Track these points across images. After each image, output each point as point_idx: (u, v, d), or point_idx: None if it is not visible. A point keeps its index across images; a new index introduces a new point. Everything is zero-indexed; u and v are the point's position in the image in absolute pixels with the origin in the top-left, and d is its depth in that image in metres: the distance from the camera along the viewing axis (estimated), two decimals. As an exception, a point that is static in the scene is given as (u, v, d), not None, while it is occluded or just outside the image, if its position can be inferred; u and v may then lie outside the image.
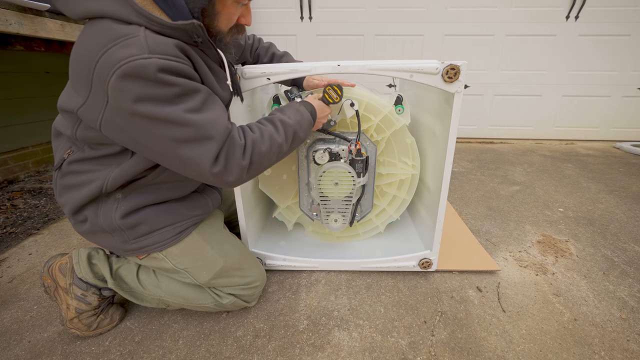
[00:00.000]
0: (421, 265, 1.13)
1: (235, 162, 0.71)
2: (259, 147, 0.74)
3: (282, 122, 0.80)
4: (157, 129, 0.64)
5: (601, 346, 0.88)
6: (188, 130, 0.65)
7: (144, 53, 0.59)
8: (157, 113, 0.62)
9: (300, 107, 0.86)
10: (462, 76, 0.86)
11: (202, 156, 0.67)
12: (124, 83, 0.59)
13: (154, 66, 0.59)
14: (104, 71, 0.59)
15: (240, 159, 0.71)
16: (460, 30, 2.83)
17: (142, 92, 0.60)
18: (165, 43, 0.62)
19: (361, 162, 1.06)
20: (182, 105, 0.64)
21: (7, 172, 2.04)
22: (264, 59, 1.15)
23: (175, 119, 0.63)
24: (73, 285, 0.89)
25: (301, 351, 0.88)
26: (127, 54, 0.58)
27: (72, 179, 0.78)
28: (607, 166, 2.39)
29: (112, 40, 0.60)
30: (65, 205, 0.81)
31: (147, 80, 0.59)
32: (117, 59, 0.58)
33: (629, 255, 1.29)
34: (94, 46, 0.60)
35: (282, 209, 1.26)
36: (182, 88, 0.63)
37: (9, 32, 1.26)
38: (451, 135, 0.93)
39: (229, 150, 0.70)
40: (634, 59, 2.82)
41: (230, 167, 0.71)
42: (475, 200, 1.80)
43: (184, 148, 0.66)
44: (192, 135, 0.65)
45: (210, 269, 0.90)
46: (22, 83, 2.08)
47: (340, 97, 0.94)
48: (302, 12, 2.84)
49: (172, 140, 0.65)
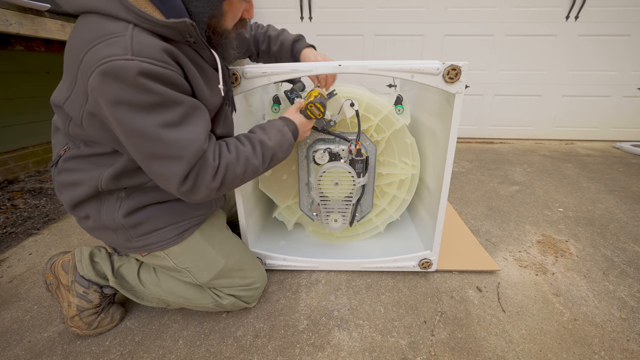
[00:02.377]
0: (421, 266, 1.14)
1: (204, 184, 0.70)
2: (233, 170, 0.73)
3: (261, 143, 0.79)
4: (130, 137, 0.63)
5: (601, 346, 0.89)
6: (158, 147, 0.63)
7: (127, 54, 0.57)
8: (131, 122, 0.60)
9: (283, 128, 0.84)
10: (463, 77, 0.86)
11: (171, 174, 0.66)
12: (102, 83, 0.57)
13: (134, 69, 0.57)
14: (86, 68, 0.59)
15: (210, 180, 0.70)
16: (460, 30, 2.83)
17: (119, 95, 0.58)
18: (151, 46, 0.60)
19: (361, 162, 1.06)
20: (157, 117, 0.62)
21: (7, 172, 2.04)
22: (262, 46, 1.15)
23: (147, 132, 0.61)
24: (75, 283, 0.89)
25: (301, 351, 0.88)
26: (109, 52, 0.57)
27: (67, 176, 0.78)
28: (607, 166, 2.39)
29: (97, 38, 0.59)
30: (64, 202, 0.81)
31: (126, 82, 0.57)
32: (99, 57, 0.57)
33: (628, 255, 1.29)
34: (81, 42, 0.60)
35: (282, 209, 1.26)
36: (161, 97, 0.61)
37: (9, 32, 1.26)
38: (452, 135, 0.93)
39: (199, 171, 0.68)
40: (634, 59, 2.82)
41: (198, 188, 0.69)
42: (475, 200, 1.80)
43: (154, 162, 0.66)
44: (161, 151, 0.64)
45: (211, 269, 0.90)
46: (22, 83, 2.08)
47: (322, 114, 0.91)
48: (302, 12, 2.84)
49: (143, 152, 0.65)
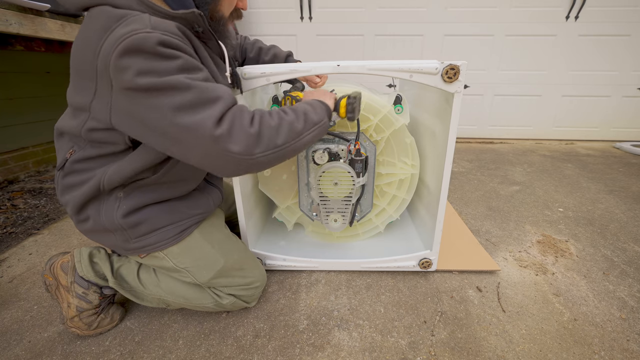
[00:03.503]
0: (421, 265, 1.14)
1: (241, 127, 0.64)
2: (267, 121, 0.69)
3: (288, 107, 0.77)
4: (159, 99, 0.60)
5: (601, 346, 0.89)
6: (191, 94, 0.61)
7: (147, 27, 0.59)
8: (158, 82, 0.59)
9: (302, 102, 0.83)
10: (461, 76, 0.86)
11: (205, 118, 0.61)
12: (125, 58, 0.58)
13: (154, 39, 0.58)
14: (107, 52, 0.59)
15: (247, 124, 0.65)
16: (460, 30, 2.83)
17: (143, 65, 0.59)
18: (167, 24, 0.63)
19: (360, 162, 1.06)
20: (184, 74, 0.62)
21: (7, 172, 2.04)
22: (250, 54, 1.17)
23: (177, 83, 0.60)
24: (74, 284, 0.89)
25: (301, 351, 0.88)
26: (129, 29, 0.59)
27: (74, 177, 0.78)
28: (607, 166, 2.39)
29: (116, 21, 0.61)
30: (68, 204, 0.81)
31: (148, 53, 0.59)
32: (120, 35, 0.59)
33: (628, 255, 1.29)
34: (98, 31, 0.61)
35: (282, 209, 1.26)
36: (184, 61, 0.62)
37: (9, 32, 1.27)
38: (451, 135, 0.93)
39: (235, 114, 0.65)
40: (634, 59, 2.82)
41: (235, 131, 0.63)
42: (475, 200, 1.80)
43: (186, 115, 0.61)
44: (194, 98, 0.61)
45: (210, 268, 0.90)
46: (22, 83, 2.08)
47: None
48: (302, 12, 2.84)
49: (174, 108, 0.61)
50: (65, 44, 1.72)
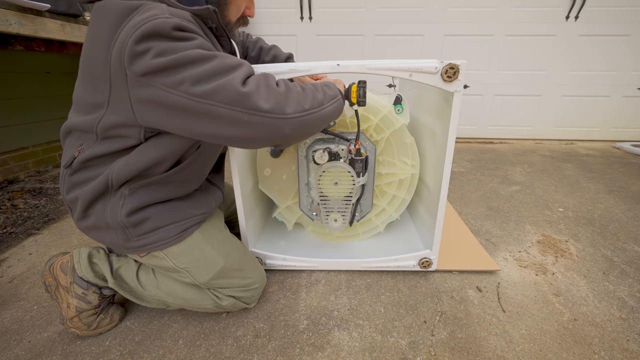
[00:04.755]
0: (421, 265, 1.13)
1: (269, 86, 0.65)
2: (292, 85, 0.71)
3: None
4: (180, 74, 0.60)
5: (601, 346, 0.88)
6: (212, 63, 0.62)
7: (165, 13, 0.61)
8: (177, 57, 0.60)
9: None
10: (461, 75, 0.86)
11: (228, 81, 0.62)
12: (142, 44, 0.59)
13: (172, 24, 0.60)
14: (124, 40, 0.60)
15: (274, 85, 0.67)
16: (460, 30, 2.83)
17: (162, 47, 0.60)
18: (184, 13, 0.66)
19: (361, 162, 1.06)
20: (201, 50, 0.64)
21: (7, 172, 2.04)
22: (251, 53, 1.18)
23: (197, 55, 0.61)
24: (74, 284, 0.89)
25: (301, 351, 0.88)
26: (149, 14, 0.60)
27: (82, 175, 0.78)
28: (607, 166, 2.39)
29: (132, 10, 0.62)
30: (75, 201, 0.80)
31: (166, 37, 0.60)
32: (137, 21, 0.60)
33: (628, 255, 1.29)
34: (111, 22, 0.62)
35: (282, 209, 1.26)
36: (201, 42, 0.64)
37: (9, 32, 1.27)
38: (451, 134, 0.93)
39: (260, 76, 0.67)
40: (634, 59, 2.82)
41: (262, 89, 0.64)
42: (475, 200, 1.80)
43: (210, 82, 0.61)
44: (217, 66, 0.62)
45: (210, 269, 0.90)
46: (22, 83, 2.08)
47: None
48: (302, 12, 2.84)
49: (197, 79, 0.60)
50: (65, 43, 1.72)
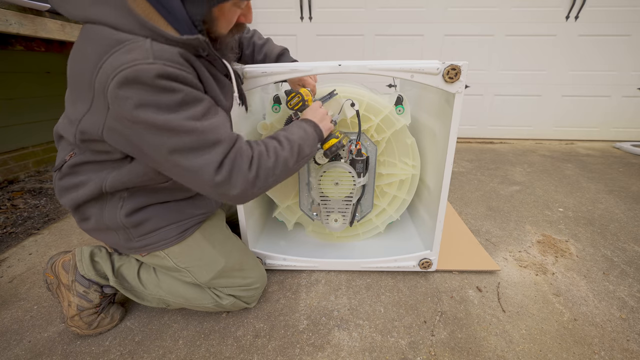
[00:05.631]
0: (421, 265, 1.14)
1: (241, 173, 0.67)
2: (265, 162, 0.72)
3: (286, 137, 0.79)
4: (158, 137, 0.62)
5: (601, 346, 0.89)
6: (190, 138, 0.63)
7: (148, 58, 0.58)
8: (158, 120, 0.60)
9: (301, 124, 0.85)
10: (463, 76, 0.86)
11: (205, 165, 0.64)
12: (124, 89, 0.57)
13: (155, 71, 0.57)
14: (104, 77, 0.58)
15: (246, 169, 0.68)
16: (460, 30, 2.83)
17: (143, 98, 0.58)
18: (170, 51, 0.61)
19: (361, 162, 1.06)
20: (184, 112, 0.62)
21: (7, 172, 2.04)
22: (246, 50, 1.13)
23: (177, 126, 0.61)
24: (75, 282, 0.89)
25: (301, 351, 0.88)
26: (130, 57, 0.57)
27: (70, 180, 0.78)
28: (607, 166, 2.39)
29: (116, 44, 0.59)
30: (67, 205, 0.81)
31: (147, 85, 0.58)
32: (120, 63, 0.57)
33: (628, 255, 1.29)
34: (96, 52, 0.59)
35: (282, 208, 1.26)
36: (184, 95, 0.62)
37: (9, 32, 1.26)
38: (451, 135, 0.93)
39: (236, 157, 0.67)
40: (634, 59, 2.82)
41: (235, 177, 0.67)
42: (475, 200, 1.80)
43: (185, 158, 0.64)
44: (194, 142, 0.63)
45: (211, 268, 0.90)
46: (22, 83, 2.08)
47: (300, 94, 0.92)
48: (302, 12, 2.84)
49: (173, 150, 0.63)
50: (65, 43, 1.72)
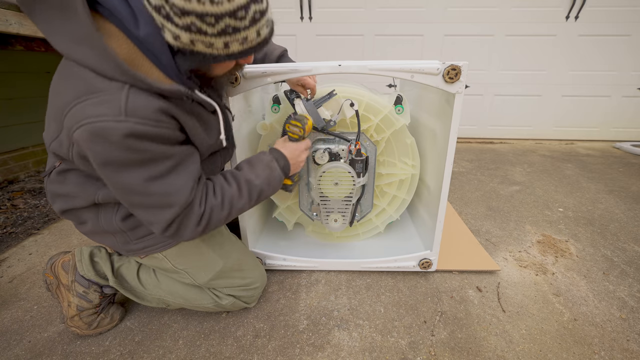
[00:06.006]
0: (421, 266, 1.13)
1: (188, 229, 0.71)
2: (218, 214, 0.74)
3: (248, 182, 0.78)
4: (116, 190, 0.65)
5: (601, 346, 0.89)
6: (144, 199, 0.65)
7: (119, 115, 0.56)
8: (118, 178, 0.62)
9: (271, 163, 0.84)
10: (463, 77, 0.86)
11: (155, 222, 0.68)
12: (88, 141, 0.57)
13: (123, 131, 0.56)
14: (72, 121, 0.57)
15: (194, 226, 0.71)
16: (460, 30, 2.83)
17: (107, 154, 0.58)
18: (146, 107, 0.58)
19: (361, 162, 1.06)
20: (144, 171, 0.62)
21: (7, 172, 2.04)
22: None
23: (134, 187, 0.63)
24: (75, 283, 0.89)
25: (301, 351, 0.88)
26: (98, 112, 0.55)
27: (61, 187, 0.77)
28: (607, 166, 2.39)
29: (87, 93, 0.57)
30: (57, 209, 0.81)
31: (113, 144, 0.57)
32: (86, 114, 0.56)
33: (628, 255, 1.29)
34: (68, 91, 0.58)
35: (282, 209, 1.26)
36: (150, 154, 0.61)
37: (9, 32, 1.27)
38: (452, 135, 0.93)
39: (184, 218, 0.69)
40: (634, 59, 2.82)
41: (182, 232, 0.71)
42: (475, 200, 1.80)
43: (139, 210, 0.68)
44: (147, 203, 0.66)
45: (209, 270, 0.90)
46: (22, 83, 2.08)
47: (303, 130, 0.89)
48: (302, 12, 2.84)
49: (129, 202, 0.67)
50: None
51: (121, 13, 0.58)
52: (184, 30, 0.55)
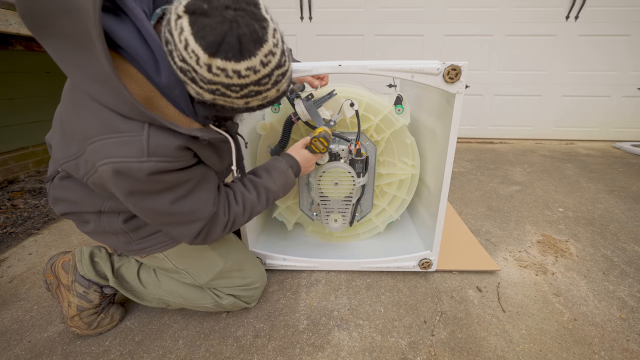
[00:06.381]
0: (421, 266, 1.13)
1: (215, 235, 0.76)
2: (240, 219, 0.79)
3: (266, 189, 0.83)
4: (143, 214, 0.68)
5: (601, 346, 0.89)
6: (171, 218, 0.69)
7: (142, 156, 0.58)
8: (145, 205, 0.65)
9: (287, 170, 0.88)
10: (463, 77, 0.86)
11: (183, 235, 0.73)
12: (114, 178, 0.59)
13: (146, 171, 0.58)
14: (95, 157, 0.58)
15: (220, 233, 0.76)
16: (460, 30, 2.83)
17: (132, 187, 0.61)
18: (166, 146, 0.60)
19: (361, 162, 1.06)
20: (170, 195, 0.65)
21: (7, 172, 2.04)
22: None
23: (161, 210, 0.66)
24: (75, 283, 0.89)
25: (301, 351, 0.88)
26: (123, 153, 0.57)
27: (64, 193, 0.77)
28: (607, 166, 2.39)
29: (109, 132, 0.57)
30: (58, 212, 0.81)
31: (137, 180, 0.60)
32: (112, 154, 0.57)
33: (628, 255, 1.29)
34: (91, 123, 0.58)
35: (282, 209, 1.26)
36: (172, 182, 0.65)
37: (9, 32, 1.27)
38: (452, 135, 0.93)
39: (210, 228, 0.74)
40: (634, 59, 2.82)
41: (209, 239, 0.76)
42: (475, 200, 1.80)
43: (168, 227, 0.72)
44: (176, 221, 0.70)
45: (210, 270, 0.90)
46: (22, 83, 2.08)
47: (326, 148, 0.95)
48: (302, 12, 2.84)
49: (157, 222, 0.71)
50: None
51: (143, 58, 0.57)
52: (208, 92, 0.57)
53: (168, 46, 0.54)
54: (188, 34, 0.50)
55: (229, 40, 0.50)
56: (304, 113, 0.98)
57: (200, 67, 0.53)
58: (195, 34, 0.50)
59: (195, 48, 0.51)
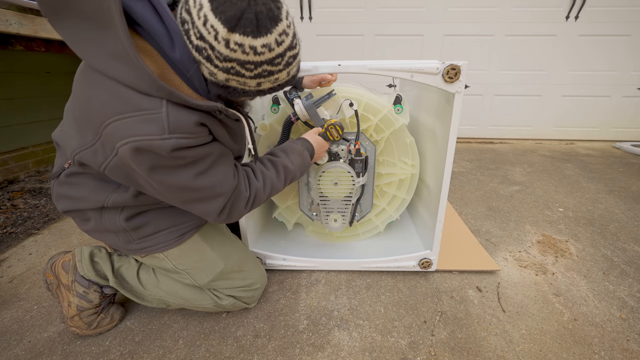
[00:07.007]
0: (421, 265, 1.13)
1: (238, 211, 0.77)
2: (260, 196, 0.80)
3: (285, 168, 0.84)
4: (168, 192, 0.68)
5: (601, 346, 0.89)
6: (197, 194, 0.69)
7: (164, 133, 0.58)
8: (169, 181, 0.65)
9: (303, 152, 0.90)
10: (462, 76, 0.86)
11: (208, 211, 0.73)
12: (137, 156, 0.59)
13: (169, 147, 0.59)
14: (115, 137, 0.58)
15: (242, 209, 0.77)
16: (460, 30, 2.83)
17: (156, 163, 0.61)
18: (186, 122, 0.60)
19: (360, 162, 1.06)
20: (192, 170, 0.66)
21: (7, 172, 2.04)
22: None
23: (186, 185, 0.66)
24: (75, 283, 0.89)
25: (301, 351, 0.88)
26: (145, 131, 0.57)
27: (69, 190, 0.77)
28: (607, 166, 2.39)
29: (129, 110, 0.57)
30: (61, 209, 0.81)
31: (161, 156, 0.60)
32: (133, 133, 0.57)
33: (628, 255, 1.29)
34: (106, 106, 0.58)
35: (282, 209, 1.26)
36: (193, 157, 0.65)
37: (9, 32, 1.27)
38: (451, 135, 0.93)
39: (234, 203, 0.75)
40: (634, 59, 2.82)
41: (233, 215, 0.77)
42: (475, 200, 1.80)
43: (192, 205, 0.72)
44: (201, 196, 0.70)
45: (210, 271, 0.90)
46: (22, 83, 2.08)
47: (340, 136, 0.98)
48: (302, 12, 2.84)
49: (182, 200, 0.71)
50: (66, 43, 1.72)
51: (158, 34, 0.58)
52: (222, 71, 0.59)
53: (185, 25, 0.56)
54: (207, 9, 0.53)
55: (247, 15, 0.53)
56: (303, 113, 0.98)
57: (219, 43, 0.54)
58: (215, 10, 0.52)
59: (214, 23, 0.53)
